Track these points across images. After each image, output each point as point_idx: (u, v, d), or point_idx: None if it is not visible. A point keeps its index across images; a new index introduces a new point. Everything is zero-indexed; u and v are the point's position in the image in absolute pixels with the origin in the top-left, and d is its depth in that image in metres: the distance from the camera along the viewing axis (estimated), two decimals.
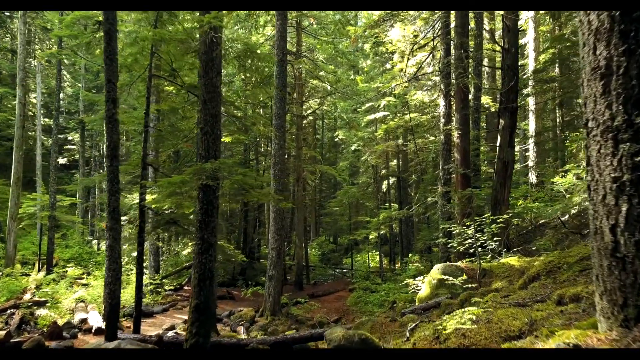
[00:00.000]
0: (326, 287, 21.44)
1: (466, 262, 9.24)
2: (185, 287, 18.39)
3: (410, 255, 27.72)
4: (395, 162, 25.71)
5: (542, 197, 21.16)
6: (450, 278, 8.00)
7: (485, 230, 8.18)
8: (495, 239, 8.79)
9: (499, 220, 8.21)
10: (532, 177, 21.83)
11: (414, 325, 4.57)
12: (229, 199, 8.73)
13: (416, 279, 9.48)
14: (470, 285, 7.77)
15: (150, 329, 11.65)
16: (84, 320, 10.99)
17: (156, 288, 15.32)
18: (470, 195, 7.25)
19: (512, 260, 8.20)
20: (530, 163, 21.67)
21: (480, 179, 17.67)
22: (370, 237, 25.45)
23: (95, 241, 27.38)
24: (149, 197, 9.09)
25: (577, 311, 2.92)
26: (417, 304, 8.67)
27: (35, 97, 27.08)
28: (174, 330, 10.99)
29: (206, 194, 6.54)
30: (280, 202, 7.62)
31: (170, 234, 16.30)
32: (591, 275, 4.58)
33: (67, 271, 18.60)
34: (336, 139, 36.23)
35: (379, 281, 19.53)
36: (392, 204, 25.88)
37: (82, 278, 17.87)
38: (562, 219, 15.04)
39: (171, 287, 16.99)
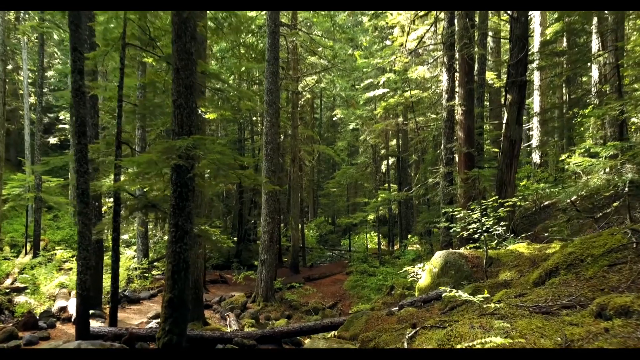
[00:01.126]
0: (323, 269, 20.91)
1: (470, 248, 8.56)
2: None
3: (409, 236, 27.18)
4: (395, 141, 24.89)
5: (545, 178, 20.44)
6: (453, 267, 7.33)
7: (491, 215, 7.46)
8: (501, 223, 8.09)
9: (506, 204, 7.48)
10: (536, 157, 21.07)
11: (413, 332, 3.87)
12: (208, 180, 7.97)
13: (416, 266, 8.81)
14: (475, 276, 7.10)
15: (134, 316, 11.05)
16: (63, 309, 10.38)
17: (144, 272, 14.70)
18: (476, 177, 6.51)
19: (521, 247, 7.51)
20: (535, 142, 20.85)
21: (484, 159, 16.89)
22: (369, 218, 24.84)
23: None
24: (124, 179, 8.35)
25: (630, 331, 2.21)
26: (416, 294, 8.02)
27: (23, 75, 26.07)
28: (158, 320, 10.37)
29: (180, 176, 5.79)
30: (267, 184, 6.88)
31: (156, 217, 15.59)
32: (625, 272, 3.88)
33: (55, 254, 17.98)
34: (335, 118, 35.25)
35: (377, 264, 18.97)
36: (391, 185, 25.16)
37: (70, 261, 17.27)
38: (569, 200, 14.34)
39: (160, 272, 16.36)
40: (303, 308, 13.38)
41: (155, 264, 18.72)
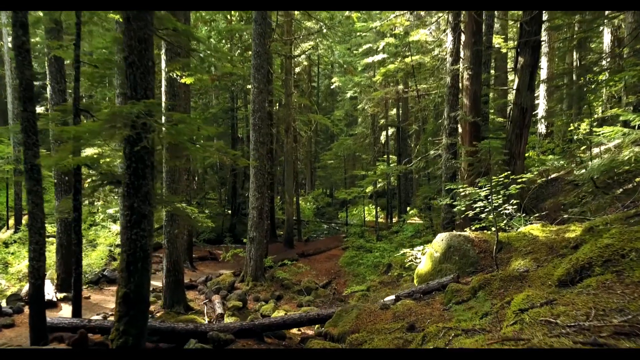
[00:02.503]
0: (318, 244, 20.16)
1: (475, 229, 7.68)
2: None
3: (408, 209, 26.39)
4: (394, 111, 23.74)
5: (552, 149, 19.42)
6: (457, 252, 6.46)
7: (501, 192, 6.52)
8: (512, 201, 7.18)
9: (519, 180, 6.54)
10: (542, 128, 20.03)
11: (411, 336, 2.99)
12: (170, 155, 6.99)
13: (415, 249, 7.94)
14: (482, 263, 6.23)
15: (112, 299, 10.28)
16: None
17: None
18: (485, 149, 5.55)
19: (535, 229, 6.61)
20: (541, 112, 19.72)
21: (489, 129, 15.84)
22: (367, 190, 23.92)
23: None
24: (89, 152, 7.39)
25: None
26: (415, 281, 7.19)
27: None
28: None
29: (134, 149, 4.83)
30: (237, 158, 5.92)
31: None
32: None
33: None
34: (333, 86, 33.85)
35: (374, 239, 18.21)
36: (390, 157, 24.17)
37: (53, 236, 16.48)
38: (577, 173, 13.42)
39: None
40: (295, 287, 12.65)
41: None
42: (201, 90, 21.64)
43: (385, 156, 24.50)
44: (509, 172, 6.48)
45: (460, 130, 10.75)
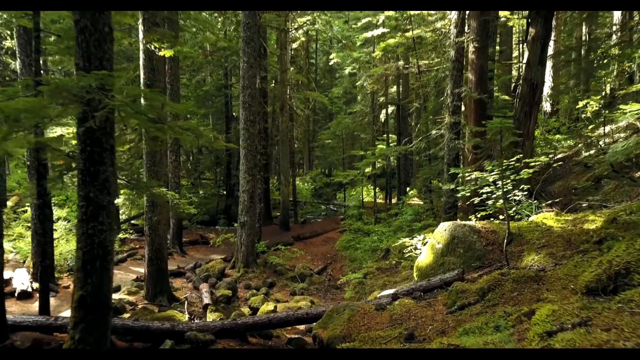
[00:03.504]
0: (315, 227, 19.59)
1: (480, 217, 7.03)
2: None
3: (408, 190, 25.75)
4: (394, 88, 22.85)
5: (557, 128, 18.61)
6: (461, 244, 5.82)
7: (510, 177, 5.83)
8: (522, 187, 6.51)
9: (533, 164, 5.84)
10: (547, 106, 19.23)
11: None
12: (147, 136, 6.27)
13: (414, 238, 7.29)
14: (490, 257, 5.59)
15: None
16: (6, 281, 9.00)
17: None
18: (498, 129, 4.85)
19: (548, 218, 5.96)
20: (547, 89, 18.85)
21: (493, 107, 15.06)
22: (366, 171, 23.20)
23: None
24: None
25: None
26: (415, 274, 6.57)
27: None
28: (117, 293, 9.05)
29: (89, 130, 4.13)
30: (216, 141, 5.23)
31: None
32: None
33: (25, 211, 16.55)
34: (331, 63, 32.77)
35: (372, 221, 17.63)
36: (390, 136, 23.39)
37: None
38: (587, 154, 12.69)
39: (131, 232, 15.00)
40: (289, 274, 12.10)
41: (134, 221, 17.39)
42: (192, 67, 20.71)
43: (385, 135, 23.71)
44: (521, 155, 5.78)
45: (464, 108, 10.00)
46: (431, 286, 5.31)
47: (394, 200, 23.50)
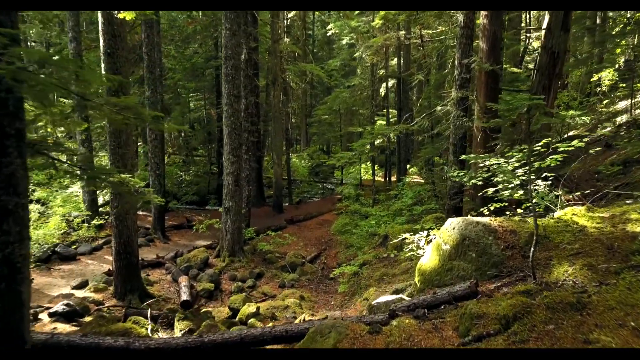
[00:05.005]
0: (310, 208, 18.63)
1: (494, 209, 6.00)
2: (139, 212, 15.46)
3: (408, 167, 24.69)
4: (395, 60, 21.49)
5: (566, 103, 17.33)
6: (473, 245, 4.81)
7: (535, 165, 4.78)
8: (545, 175, 5.46)
9: (561, 149, 4.77)
10: None
11: None
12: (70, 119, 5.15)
13: (416, 235, 6.26)
14: (509, 264, 4.59)
15: (60, 282, 8.78)
16: None
17: (85, 221, 12.14)
18: (526, 106, 3.76)
19: (578, 214, 4.92)
20: None
21: (504, 80, 13.83)
22: (366, 149, 22.01)
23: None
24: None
25: None
26: (416, 278, 5.58)
27: None
28: (83, 290, 8.12)
29: None
30: (157, 122, 4.18)
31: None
32: None
33: None
34: (329, 34, 31.19)
35: (370, 202, 16.66)
36: (390, 110, 22.17)
37: None
38: (604, 131, 11.62)
39: (106, 218, 13.96)
40: (279, 262, 11.19)
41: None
42: (180, 37, 19.31)
43: (385, 110, 22.49)
44: (550, 139, 4.72)
45: (476, 82, 8.85)
46: (437, 301, 4.33)
47: (393, 178, 22.50)
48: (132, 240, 7.82)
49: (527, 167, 4.47)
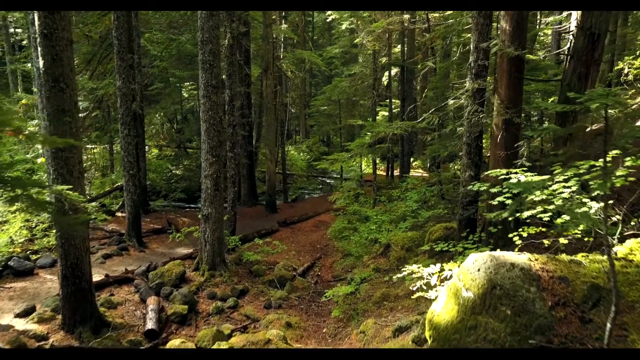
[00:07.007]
0: (306, 207, 17.32)
1: (525, 236, 4.64)
2: (118, 214, 14.19)
3: (412, 160, 23.38)
4: (399, 48, 20.00)
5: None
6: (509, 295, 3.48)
7: (591, 185, 3.45)
8: (595, 193, 4.10)
9: (628, 163, 3.44)
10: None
11: None
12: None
13: (425, 270, 4.90)
14: (561, 331, 3.25)
15: (6, 306, 7.50)
16: None
17: (52, 226, 10.86)
18: (603, 108, 2.45)
19: None
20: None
21: (525, 67, 12.38)
22: (365, 140, 20.66)
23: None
24: None
25: None
26: (427, 333, 4.23)
27: None
28: (25, 320, 6.84)
29: None
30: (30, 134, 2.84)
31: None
32: None
33: None
34: (329, 19, 29.58)
35: (371, 201, 15.33)
36: (393, 100, 20.71)
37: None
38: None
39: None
40: (266, 276, 9.92)
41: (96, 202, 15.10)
42: (162, 21, 17.82)
43: (387, 101, 21.04)
44: (618, 151, 3.37)
45: (497, 70, 7.44)
46: None
47: (396, 172, 21.15)
48: (82, 261, 6.51)
49: (596, 188, 3.13)
